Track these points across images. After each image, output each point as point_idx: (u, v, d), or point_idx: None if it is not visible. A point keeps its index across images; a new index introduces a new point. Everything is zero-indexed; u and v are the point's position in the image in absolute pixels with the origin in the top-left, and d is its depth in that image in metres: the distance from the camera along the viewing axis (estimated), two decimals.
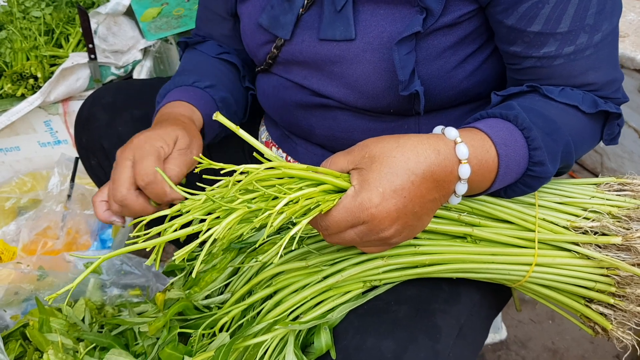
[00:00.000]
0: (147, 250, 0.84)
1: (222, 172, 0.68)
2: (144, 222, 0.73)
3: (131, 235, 0.72)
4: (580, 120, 0.82)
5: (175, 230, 0.69)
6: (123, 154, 0.86)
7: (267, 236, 0.85)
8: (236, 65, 1.12)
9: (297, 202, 0.66)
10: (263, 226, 0.66)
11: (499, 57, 0.88)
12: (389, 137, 0.70)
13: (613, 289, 0.79)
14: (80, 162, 1.66)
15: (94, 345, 1.04)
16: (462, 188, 0.71)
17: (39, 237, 1.54)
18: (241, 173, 0.67)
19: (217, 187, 0.70)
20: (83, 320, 1.20)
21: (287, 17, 0.91)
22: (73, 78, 1.71)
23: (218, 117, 0.70)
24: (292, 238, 0.70)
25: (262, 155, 0.73)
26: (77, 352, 1.05)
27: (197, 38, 1.15)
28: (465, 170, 0.70)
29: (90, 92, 1.74)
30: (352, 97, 0.90)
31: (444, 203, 0.74)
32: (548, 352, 1.58)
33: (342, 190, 0.70)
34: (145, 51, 1.86)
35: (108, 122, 1.11)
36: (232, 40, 1.12)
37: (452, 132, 0.71)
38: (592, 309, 0.82)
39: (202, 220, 0.67)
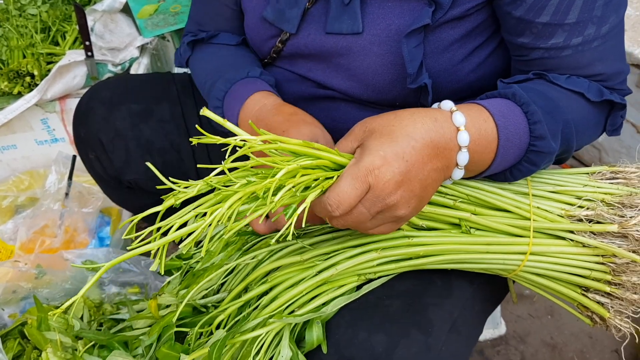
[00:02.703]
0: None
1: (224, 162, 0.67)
2: (135, 220, 0.72)
3: (124, 237, 0.71)
4: (584, 107, 0.82)
5: (179, 228, 0.68)
6: None
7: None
8: None
9: (294, 175, 0.65)
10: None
11: (504, 51, 0.88)
12: (387, 112, 0.71)
13: (609, 277, 0.79)
14: (77, 159, 1.66)
15: (92, 343, 1.04)
16: (463, 157, 0.71)
17: (37, 236, 1.54)
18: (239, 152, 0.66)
19: (215, 174, 0.68)
20: (82, 318, 1.19)
21: (293, 11, 0.90)
22: (70, 76, 1.70)
23: (205, 112, 0.68)
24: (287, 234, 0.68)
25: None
26: (76, 350, 1.05)
27: (206, 34, 1.08)
28: (464, 137, 0.70)
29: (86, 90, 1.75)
30: (357, 89, 0.89)
31: (448, 177, 0.73)
32: (547, 347, 1.58)
33: (341, 167, 0.70)
34: (142, 48, 1.86)
35: (106, 116, 1.11)
36: (244, 33, 1.08)
37: (447, 103, 0.72)
38: (588, 298, 0.82)
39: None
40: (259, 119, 0.88)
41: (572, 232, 0.80)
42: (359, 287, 0.83)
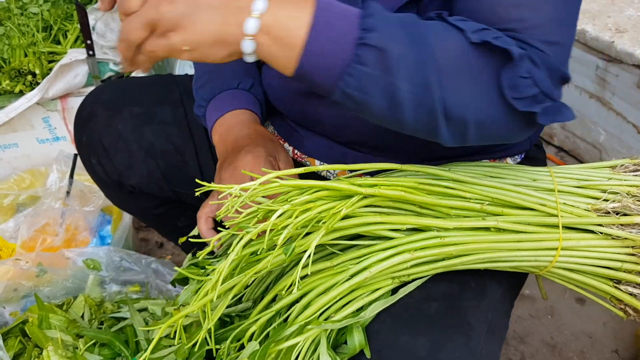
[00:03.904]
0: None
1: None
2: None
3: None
4: (460, 45, 0.66)
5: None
6: (237, 165, 0.89)
7: None
8: None
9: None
10: None
11: None
12: None
13: None
14: (79, 158, 1.66)
15: (93, 341, 1.05)
16: (259, 4, 0.62)
17: (38, 234, 1.54)
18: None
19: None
20: (82, 316, 1.20)
21: None
22: (71, 74, 1.71)
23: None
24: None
25: None
26: (77, 348, 1.05)
27: None
28: None
29: (88, 89, 1.75)
30: None
31: (234, 21, 0.62)
32: (547, 347, 1.58)
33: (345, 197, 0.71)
34: None
35: (108, 120, 1.10)
36: None
37: None
38: (621, 290, 0.82)
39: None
40: (231, 131, 0.96)
41: (600, 225, 0.79)
42: (394, 291, 0.81)
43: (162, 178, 1.12)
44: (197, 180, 0.78)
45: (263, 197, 0.75)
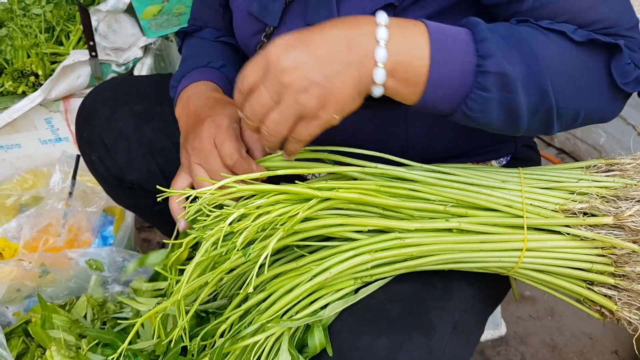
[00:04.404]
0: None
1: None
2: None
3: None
4: (566, 49, 0.71)
5: None
6: (202, 142, 0.87)
7: None
8: (235, 46, 1.12)
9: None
10: None
11: None
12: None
13: (612, 269, 0.78)
14: (81, 159, 1.67)
15: (96, 341, 1.05)
16: (381, 53, 0.65)
17: (41, 234, 1.55)
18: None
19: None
20: (85, 316, 1.20)
21: (275, 4, 0.90)
22: (74, 75, 1.71)
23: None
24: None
25: None
26: (80, 348, 1.06)
27: (195, 27, 1.16)
28: (382, 33, 0.65)
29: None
30: None
31: (365, 78, 0.67)
32: (547, 348, 1.59)
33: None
34: (146, 49, 1.86)
35: (109, 117, 1.12)
36: (228, 31, 1.13)
37: (382, 15, 0.68)
38: (594, 292, 0.81)
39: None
40: (190, 100, 0.96)
41: (567, 226, 0.78)
42: (357, 291, 0.82)
43: (161, 175, 1.13)
44: (158, 186, 0.83)
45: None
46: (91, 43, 1.69)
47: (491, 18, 0.78)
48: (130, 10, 1.88)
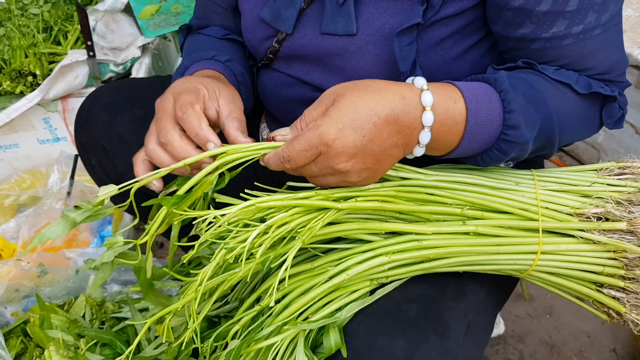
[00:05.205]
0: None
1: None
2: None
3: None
4: (571, 99, 0.81)
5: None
6: (163, 99, 0.84)
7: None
8: (242, 44, 1.11)
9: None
10: None
11: (498, 52, 0.89)
12: (359, 81, 0.73)
13: (622, 272, 0.80)
14: (79, 159, 1.66)
15: (94, 341, 1.05)
16: (425, 136, 0.72)
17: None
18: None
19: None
20: (84, 316, 1.20)
21: (289, 11, 0.90)
22: (72, 75, 1.71)
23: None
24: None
25: None
26: (78, 348, 1.06)
27: (200, 23, 1.14)
28: (428, 117, 0.71)
29: (89, 90, 1.75)
30: None
31: (408, 153, 0.75)
32: (545, 347, 1.59)
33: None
34: (144, 48, 1.86)
35: (108, 122, 1.11)
36: (235, 31, 1.12)
37: (420, 80, 0.73)
38: (603, 294, 0.82)
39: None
40: (187, 80, 0.91)
41: (582, 230, 0.80)
42: (372, 292, 0.82)
43: (162, 178, 1.13)
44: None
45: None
46: (89, 43, 1.69)
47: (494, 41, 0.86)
48: (128, 10, 1.88)
